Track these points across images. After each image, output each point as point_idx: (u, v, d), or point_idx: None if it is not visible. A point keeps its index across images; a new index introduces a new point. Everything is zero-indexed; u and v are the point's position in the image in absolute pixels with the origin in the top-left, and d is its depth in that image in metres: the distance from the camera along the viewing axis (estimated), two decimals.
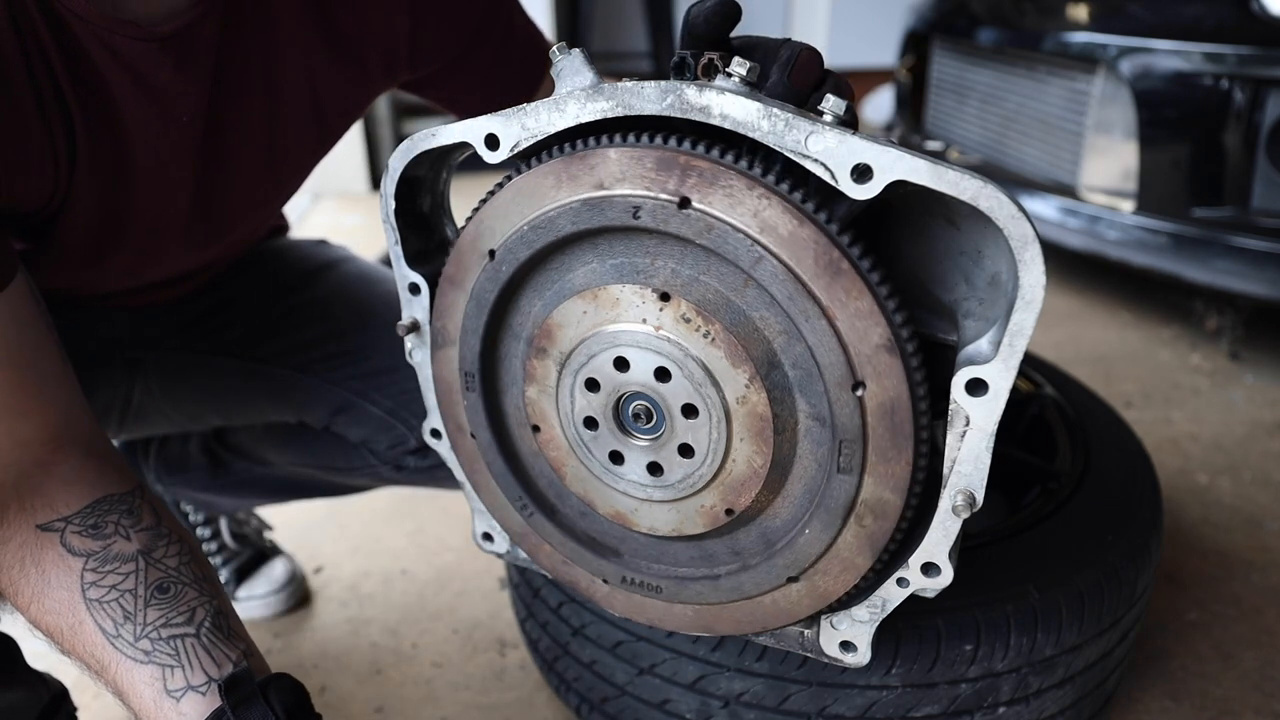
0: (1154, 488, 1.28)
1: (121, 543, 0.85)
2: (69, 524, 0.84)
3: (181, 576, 0.85)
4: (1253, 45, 2.16)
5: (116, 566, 0.83)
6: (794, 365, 0.76)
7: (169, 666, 0.79)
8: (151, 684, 0.79)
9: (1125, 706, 1.37)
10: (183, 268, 1.22)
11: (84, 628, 0.81)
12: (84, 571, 0.82)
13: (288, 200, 1.28)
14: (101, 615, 0.81)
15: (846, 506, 0.78)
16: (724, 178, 0.70)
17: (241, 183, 1.10)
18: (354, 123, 1.21)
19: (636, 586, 0.94)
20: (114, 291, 1.21)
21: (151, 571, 0.84)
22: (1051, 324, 2.87)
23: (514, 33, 1.25)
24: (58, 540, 0.84)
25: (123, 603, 0.81)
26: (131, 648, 0.80)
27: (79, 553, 0.83)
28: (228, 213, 1.13)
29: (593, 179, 0.75)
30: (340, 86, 1.12)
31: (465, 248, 0.84)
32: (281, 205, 1.27)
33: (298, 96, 1.08)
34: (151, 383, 1.34)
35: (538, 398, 0.86)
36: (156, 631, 0.81)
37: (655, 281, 0.77)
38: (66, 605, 0.82)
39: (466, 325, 0.87)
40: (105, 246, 1.03)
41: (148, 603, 0.82)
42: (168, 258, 1.13)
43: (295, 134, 1.11)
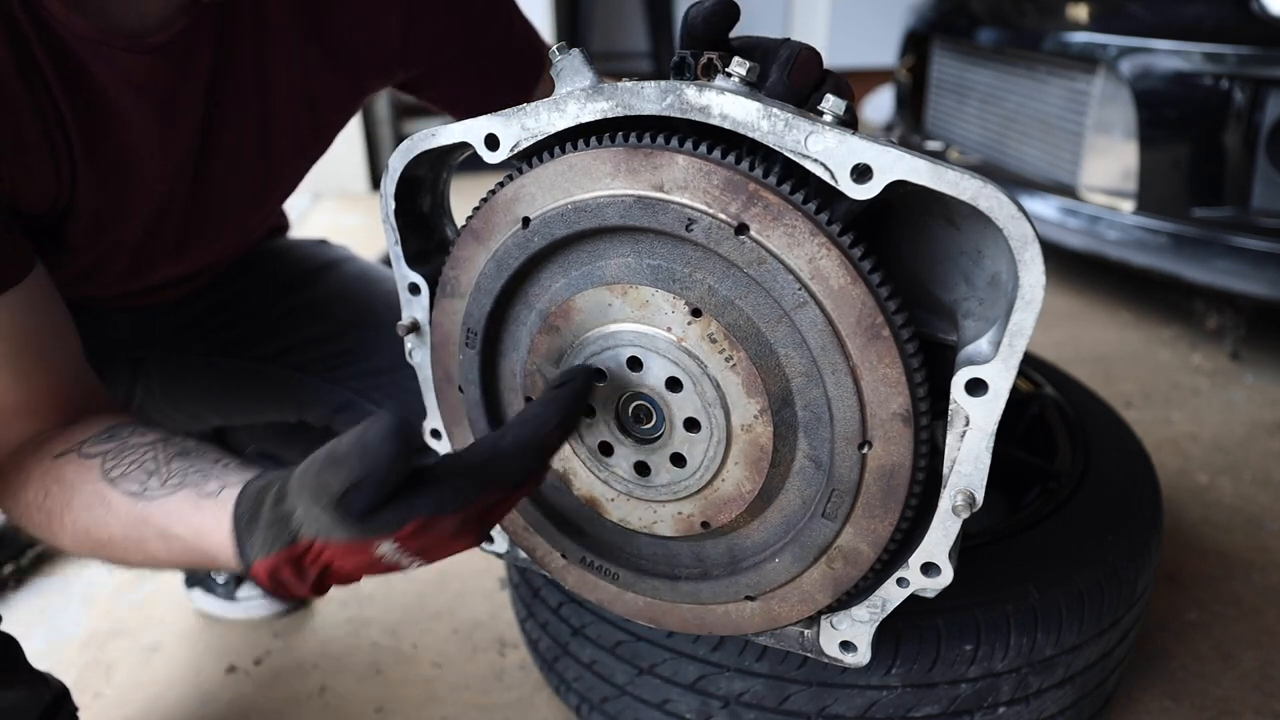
0: (1154, 488, 1.28)
1: (137, 438, 0.85)
2: (84, 442, 0.85)
3: (201, 448, 0.84)
4: (1253, 45, 2.16)
5: (134, 450, 0.83)
6: (806, 408, 0.77)
7: (200, 484, 0.78)
8: (189, 499, 0.77)
9: (1125, 706, 1.37)
10: (182, 269, 1.22)
11: (112, 502, 0.80)
12: (103, 464, 0.83)
13: (285, 199, 1.28)
14: (127, 483, 0.80)
15: (821, 548, 0.80)
16: (789, 216, 0.69)
17: (238, 184, 1.11)
18: (348, 121, 1.21)
19: (594, 569, 0.94)
20: (117, 294, 1.21)
21: (170, 447, 0.84)
22: (1051, 324, 2.87)
23: (512, 34, 1.25)
24: (75, 455, 0.84)
25: (145, 467, 0.81)
26: (161, 489, 0.79)
27: (95, 454, 0.84)
28: (225, 214, 1.13)
29: (653, 179, 0.73)
30: (334, 86, 1.12)
31: (498, 207, 0.82)
32: (279, 205, 1.27)
33: (291, 97, 1.08)
34: (153, 382, 1.34)
35: (539, 372, 0.86)
36: (183, 474, 0.80)
37: (690, 295, 0.76)
38: (92, 495, 0.81)
39: (481, 284, 0.86)
40: (107, 249, 1.03)
41: (170, 461, 0.82)
42: (167, 259, 1.14)
43: (290, 135, 1.11)
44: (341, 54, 1.09)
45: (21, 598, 1.65)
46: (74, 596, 1.66)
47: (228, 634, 1.56)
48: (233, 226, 1.19)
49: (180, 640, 1.55)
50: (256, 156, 1.10)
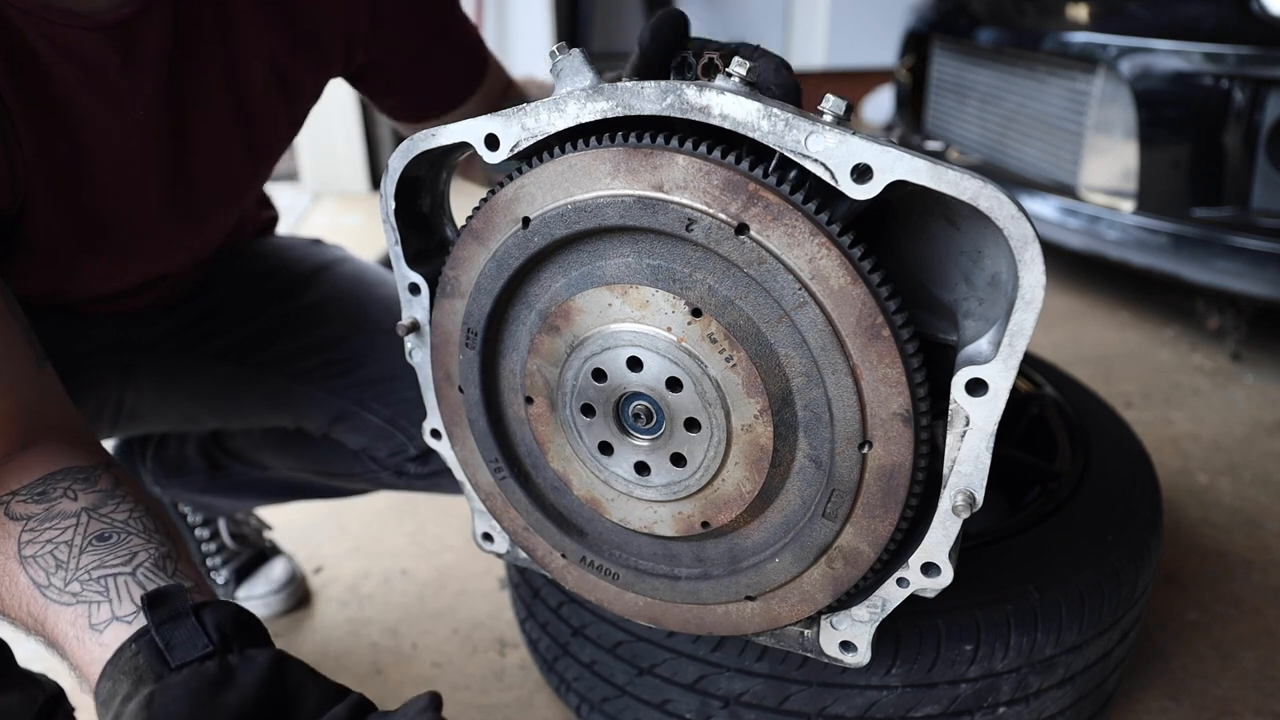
0: (1154, 488, 1.28)
1: (66, 503, 0.79)
2: (15, 496, 0.80)
3: (129, 527, 0.78)
4: (1253, 45, 2.16)
5: (56, 523, 0.77)
6: (807, 408, 0.77)
7: (95, 603, 0.72)
8: (76, 623, 0.72)
9: (1125, 706, 1.37)
10: (166, 263, 1.19)
11: (18, 585, 0.75)
12: (21, 533, 0.77)
13: (262, 184, 1.26)
14: (34, 569, 0.75)
15: (821, 548, 0.80)
16: (789, 216, 0.69)
17: (212, 170, 1.09)
18: (317, 101, 1.20)
19: (594, 569, 0.94)
20: (104, 295, 1.19)
21: (93, 524, 0.77)
22: (1051, 324, 2.87)
23: (464, 35, 1.25)
24: (2, 512, 0.79)
25: (56, 554, 0.75)
26: (60, 593, 0.74)
27: (19, 517, 0.78)
28: (202, 201, 1.11)
29: (653, 179, 0.73)
30: (302, 65, 1.10)
31: (498, 207, 0.82)
32: (256, 190, 1.24)
33: (261, 78, 1.07)
34: (144, 386, 1.32)
35: (538, 372, 0.86)
36: (88, 574, 0.74)
37: (690, 295, 0.76)
38: (3, 569, 0.76)
39: (481, 284, 0.86)
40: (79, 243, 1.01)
41: (83, 550, 0.75)
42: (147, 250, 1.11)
43: (263, 115, 1.10)
44: (307, 35, 1.08)
45: None
46: None
47: None
48: (213, 214, 1.16)
49: None
50: (233, 143, 1.08)
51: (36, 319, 0.93)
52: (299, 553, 1.77)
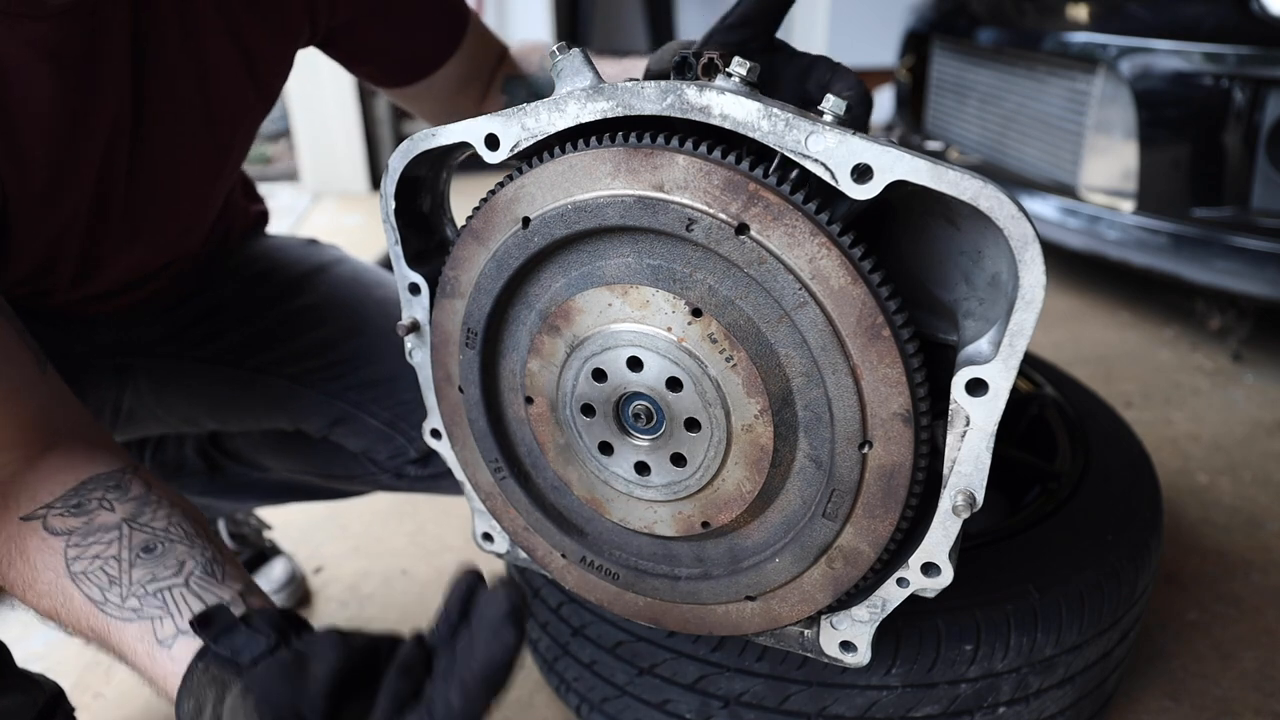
0: (1154, 488, 1.28)
1: (104, 515, 0.82)
2: (50, 510, 0.83)
3: (170, 535, 0.82)
4: (1253, 45, 2.16)
5: (99, 537, 0.81)
6: (807, 408, 0.77)
7: (157, 619, 0.76)
8: (143, 639, 0.76)
9: (1125, 706, 1.37)
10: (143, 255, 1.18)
11: (73, 602, 0.79)
12: (66, 549, 0.80)
13: (235, 168, 1.24)
14: (88, 585, 0.79)
15: (821, 548, 0.80)
16: (789, 216, 0.69)
17: (184, 153, 1.08)
18: (286, 77, 1.18)
19: (594, 569, 0.94)
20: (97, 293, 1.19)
21: (136, 535, 0.81)
22: (1051, 324, 2.87)
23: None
24: (40, 526, 0.82)
25: (107, 569, 0.79)
26: (120, 609, 0.78)
27: (60, 532, 0.81)
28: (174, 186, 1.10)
29: (653, 179, 0.73)
30: (266, 38, 1.09)
31: (498, 207, 0.82)
32: (229, 174, 1.22)
33: (225, 55, 1.05)
34: (142, 388, 1.32)
35: (539, 372, 0.86)
36: (143, 588, 0.78)
37: (690, 295, 0.76)
38: (55, 585, 0.80)
39: (481, 284, 0.86)
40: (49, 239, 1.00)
41: (132, 564, 0.79)
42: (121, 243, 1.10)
43: (229, 94, 1.08)
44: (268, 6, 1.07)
45: None
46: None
47: None
48: (185, 201, 1.15)
49: None
50: (200, 122, 1.07)
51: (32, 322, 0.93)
52: (299, 553, 1.77)
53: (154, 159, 1.04)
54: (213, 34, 1.04)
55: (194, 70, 1.04)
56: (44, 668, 1.00)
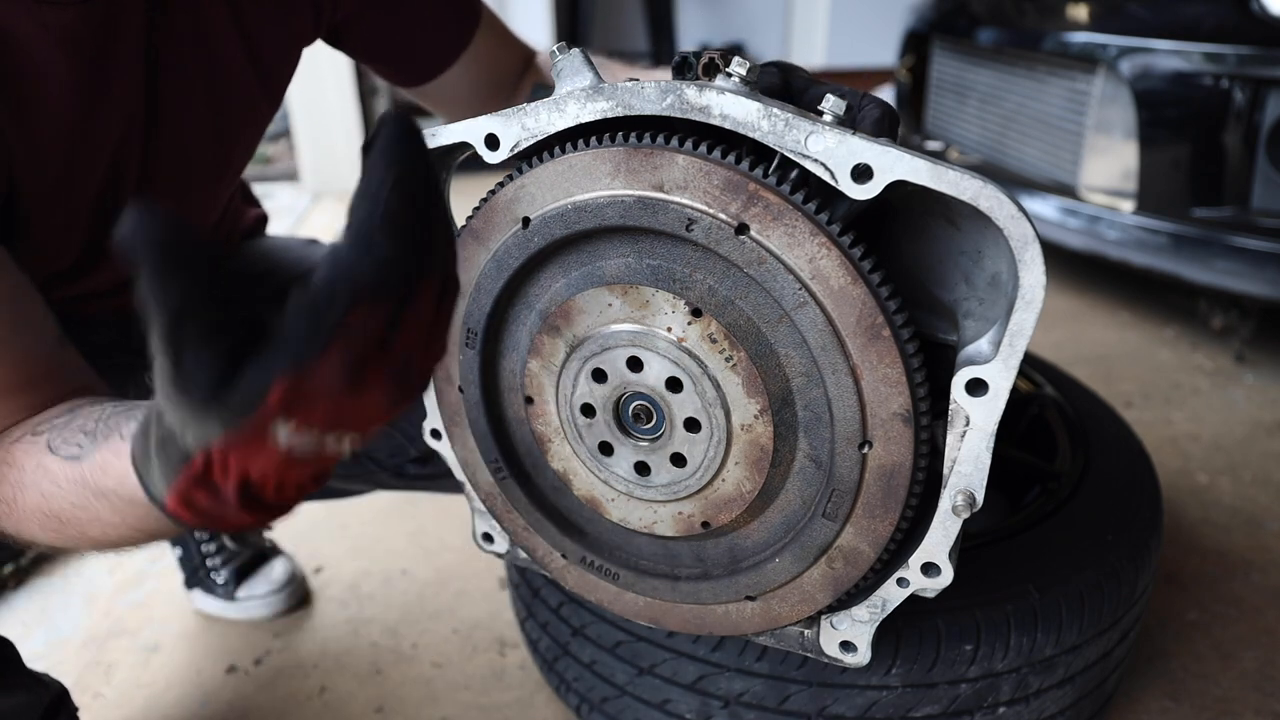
0: (1154, 488, 1.28)
1: (90, 409, 0.78)
2: (40, 422, 0.80)
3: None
4: (1253, 45, 2.16)
5: (82, 417, 0.76)
6: (806, 408, 0.77)
7: (123, 426, 0.69)
8: (111, 448, 0.69)
9: (1125, 706, 1.37)
10: None
11: (55, 472, 0.73)
12: (49, 438, 0.76)
13: (241, 167, 1.24)
14: (66, 448, 0.74)
15: (821, 548, 0.80)
16: (789, 216, 0.69)
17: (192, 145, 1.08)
18: (292, 75, 1.18)
19: (594, 569, 0.94)
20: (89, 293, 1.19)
21: (119, 409, 0.75)
22: (1051, 324, 2.87)
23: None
24: (28, 435, 0.79)
25: (85, 427, 0.74)
26: (93, 445, 0.72)
27: (44, 430, 0.78)
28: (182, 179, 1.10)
29: (653, 179, 0.73)
30: (273, 35, 1.09)
31: (498, 207, 0.82)
32: (235, 173, 1.22)
33: (233, 49, 1.06)
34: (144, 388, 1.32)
35: (539, 372, 0.86)
36: (115, 421, 0.72)
37: (690, 295, 0.76)
38: (38, 470, 0.75)
39: (481, 284, 0.86)
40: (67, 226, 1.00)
41: (110, 417, 0.74)
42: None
43: (236, 89, 1.09)
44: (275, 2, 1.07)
45: (21, 598, 1.65)
46: (74, 597, 1.65)
47: (228, 634, 1.56)
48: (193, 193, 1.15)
49: (180, 640, 1.55)
50: (208, 116, 1.07)
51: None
52: (299, 553, 1.77)
53: (165, 154, 1.05)
54: (222, 30, 1.04)
55: (204, 68, 1.04)
56: (44, 667, 1.00)
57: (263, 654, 1.51)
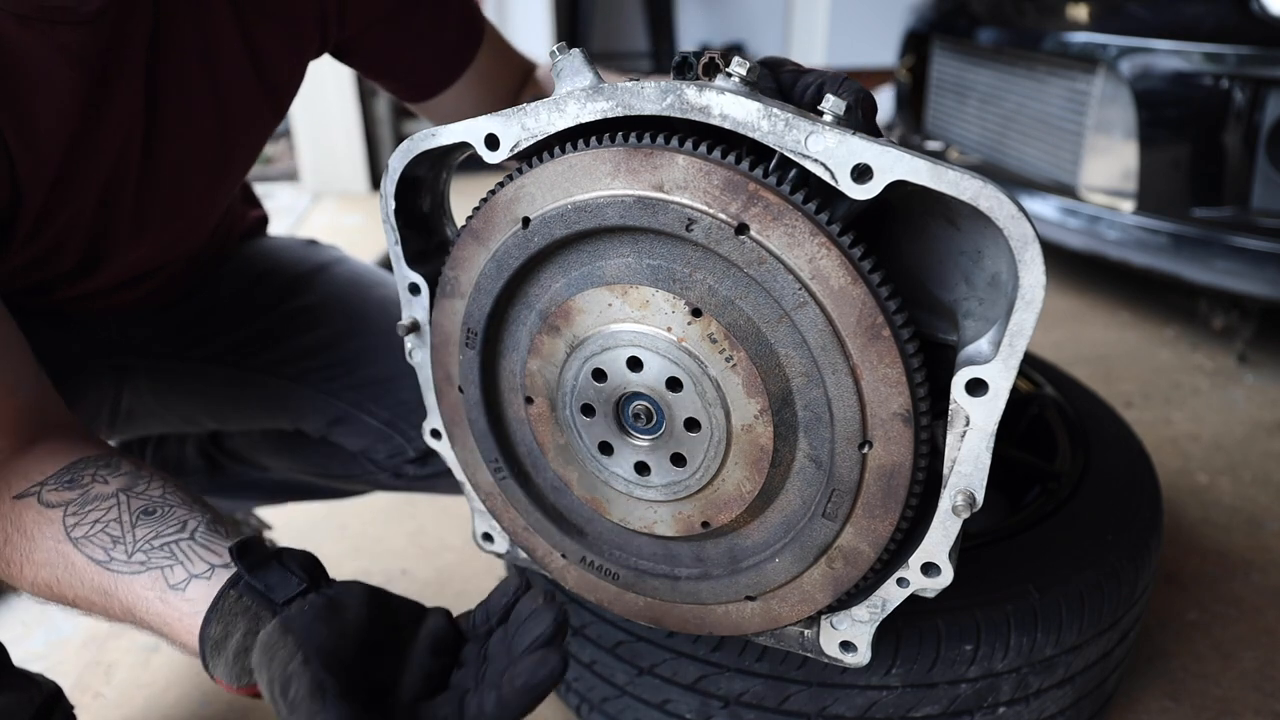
0: (1154, 488, 1.28)
1: (100, 486, 0.83)
2: (44, 486, 0.83)
3: (168, 500, 0.83)
4: (1253, 45, 2.16)
5: (97, 505, 0.81)
6: (806, 408, 0.77)
7: (167, 567, 0.77)
8: (154, 586, 0.76)
9: (1125, 706, 1.37)
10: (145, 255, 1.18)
11: (75, 565, 0.79)
12: (65, 518, 0.80)
13: (242, 174, 1.25)
14: (90, 547, 0.79)
15: (821, 548, 0.80)
16: (789, 216, 0.69)
17: (193, 156, 1.08)
18: (298, 88, 1.19)
19: (594, 569, 0.94)
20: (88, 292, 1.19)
21: (134, 501, 0.82)
22: (1051, 324, 2.87)
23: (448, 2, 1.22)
24: (34, 501, 0.82)
25: (109, 531, 0.79)
26: (126, 564, 0.78)
27: (56, 504, 0.81)
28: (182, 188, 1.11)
29: (653, 179, 0.73)
30: (277, 48, 1.10)
31: (498, 207, 0.82)
32: (235, 177, 1.23)
33: (238, 63, 1.06)
34: (141, 387, 1.32)
35: (539, 372, 0.86)
36: (148, 544, 0.78)
37: (690, 295, 0.76)
38: (54, 553, 0.80)
39: (481, 284, 0.86)
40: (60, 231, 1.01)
41: (134, 525, 0.80)
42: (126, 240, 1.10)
43: (242, 101, 1.09)
44: (280, 14, 1.08)
45: (21, 598, 1.65)
46: None
47: None
48: (192, 202, 1.16)
49: None
50: (210, 126, 1.08)
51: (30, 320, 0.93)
52: None
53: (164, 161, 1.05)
54: (228, 44, 1.05)
55: (208, 83, 1.04)
56: (44, 667, 1.00)
57: None
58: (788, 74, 0.81)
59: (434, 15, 1.21)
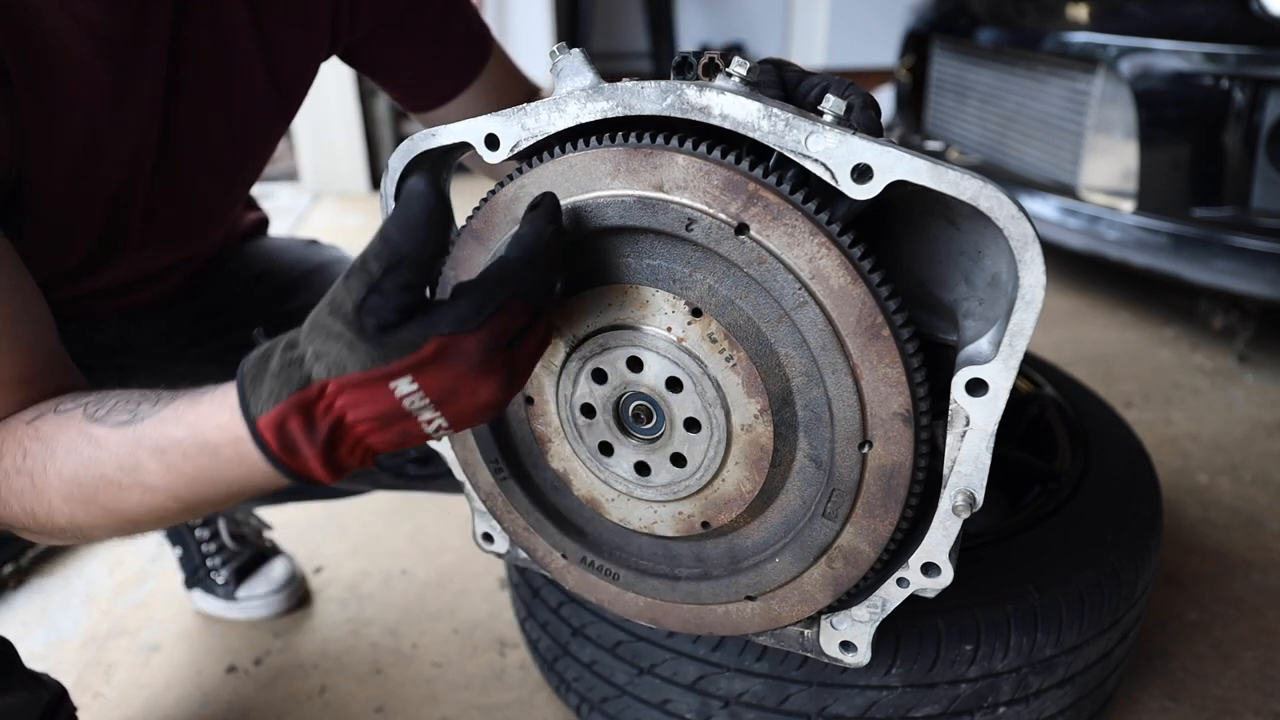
0: (1154, 488, 1.28)
1: (113, 392, 0.80)
2: (59, 404, 0.81)
3: (175, 394, 0.79)
4: (1253, 45, 2.16)
5: (117, 394, 0.79)
6: (806, 407, 0.77)
7: (192, 393, 0.73)
8: (183, 404, 0.72)
9: (1125, 706, 1.37)
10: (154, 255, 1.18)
11: (101, 438, 0.74)
12: (84, 409, 0.77)
13: (254, 175, 1.25)
14: (116, 415, 0.75)
15: (821, 548, 0.80)
16: (789, 216, 0.69)
17: (205, 154, 1.08)
18: (308, 88, 1.19)
19: (594, 569, 0.94)
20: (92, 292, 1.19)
21: (149, 393, 0.78)
22: (1051, 324, 2.87)
23: (456, 11, 1.23)
24: (50, 413, 0.79)
25: (129, 402, 0.76)
26: (154, 408, 0.74)
27: (74, 407, 0.78)
28: (192, 187, 1.11)
29: (653, 179, 0.73)
30: (291, 47, 1.10)
31: (498, 207, 0.82)
32: (247, 179, 1.23)
33: (250, 59, 1.06)
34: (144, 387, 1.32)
35: (539, 372, 0.86)
36: (174, 394, 0.75)
37: (690, 295, 0.76)
38: (78, 438, 0.75)
39: None
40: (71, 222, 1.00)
41: (158, 393, 0.77)
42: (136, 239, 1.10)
43: (254, 100, 1.09)
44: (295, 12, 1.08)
45: (21, 598, 1.65)
46: (74, 597, 1.65)
47: (228, 634, 1.56)
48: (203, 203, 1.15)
49: (180, 640, 1.55)
50: (224, 123, 1.07)
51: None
52: (299, 553, 1.77)
53: (177, 157, 1.05)
54: (244, 41, 1.04)
55: (224, 78, 1.04)
56: (44, 667, 1.00)
57: (263, 654, 1.51)
58: (792, 74, 0.81)
59: (442, 24, 1.21)
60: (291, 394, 0.63)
